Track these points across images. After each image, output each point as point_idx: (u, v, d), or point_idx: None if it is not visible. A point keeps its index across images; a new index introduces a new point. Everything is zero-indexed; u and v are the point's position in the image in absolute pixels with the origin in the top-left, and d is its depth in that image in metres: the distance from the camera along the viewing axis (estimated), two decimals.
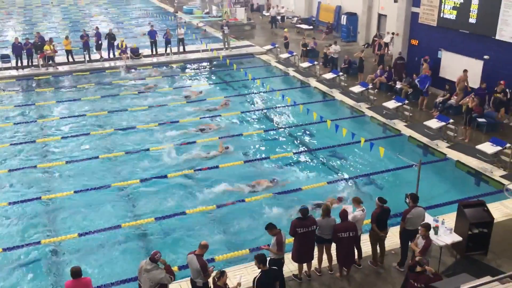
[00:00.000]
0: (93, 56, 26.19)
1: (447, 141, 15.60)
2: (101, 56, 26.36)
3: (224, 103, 20.09)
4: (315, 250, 9.49)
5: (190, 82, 23.90)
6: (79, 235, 11.32)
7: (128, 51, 26.21)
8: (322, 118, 16.04)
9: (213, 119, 18.44)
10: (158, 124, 17.95)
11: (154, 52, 27.05)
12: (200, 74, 25.47)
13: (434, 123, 16.10)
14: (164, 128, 17.58)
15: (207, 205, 12.49)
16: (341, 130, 14.57)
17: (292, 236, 9.18)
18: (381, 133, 17.16)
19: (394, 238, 10.20)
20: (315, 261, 9.63)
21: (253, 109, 19.92)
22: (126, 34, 32.59)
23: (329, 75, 22.16)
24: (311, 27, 32.84)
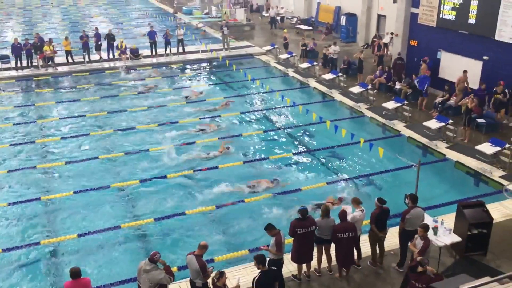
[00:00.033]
0: (93, 57, 26.19)
1: (447, 142, 15.61)
2: (101, 57, 26.37)
3: (225, 104, 20.10)
4: (315, 251, 9.50)
5: (190, 83, 23.90)
6: (79, 236, 11.33)
7: (128, 52, 26.23)
8: (322, 119, 16.04)
9: (213, 120, 18.45)
10: (158, 125, 17.96)
11: (154, 53, 27.08)
12: (200, 75, 25.47)
13: (434, 124, 16.11)
14: (164, 129, 17.58)
15: (207, 206, 12.48)
16: (341, 131, 14.60)
17: (292, 237, 9.18)
18: (381, 134, 17.16)
19: (394, 239, 10.23)
20: (315, 262, 9.63)
21: (253, 110, 19.92)
22: (126, 35, 32.60)
23: (329, 76, 22.17)
24: (311, 28, 32.85)
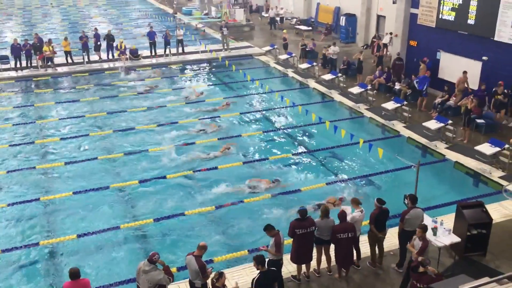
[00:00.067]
0: (92, 57, 26.19)
1: (446, 142, 15.61)
2: (100, 57, 26.36)
3: (226, 104, 20.11)
4: (314, 251, 9.51)
5: (190, 83, 23.89)
6: (78, 236, 11.32)
7: (127, 52, 26.22)
8: (321, 119, 16.04)
9: (213, 120, 18.45)
10: (158, 125, 17.96)
11: (153, 53, 27.08)
12: (199, 75, 25.46)
13: (433, 124, 16.10)
14: (164, 129, 17.58)
15: (206, 206, 12.48)
16: (340, 131, 14.60)
17: (291, 237, 9.18)
18: (380, 134, 17.16)
19: (393, 239, 10.23)
20: (314, 262, 9.63)
21: (252, 110, 19.92)
22: (126, 35, 32.59)
23: (328, 76, 22.17)
24: (310, 28, 32.85)
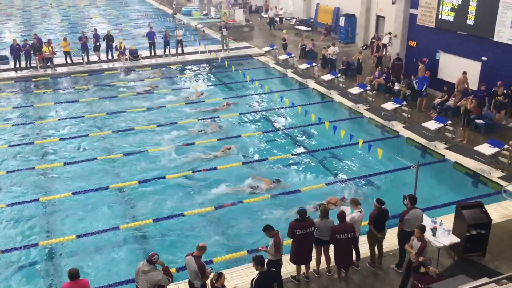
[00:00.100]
0: (92, 58, 26.18)
1: (445, 143, 15.61)
2: (99, 58, 26.36)
3: (226, 104, 20.10)
4: (313, 252, 9.50)
5: (189, 84, 23.90)
6: (77, 237, 11.31)
7: (127, 53, 26.22)
8: (320, 120, 16.04)
9: (213, 121, 18.43)
10: (157, 126, 17.96)
11: (153, 54, 27.07)
12: (199, 76, 25.46)
13: (432, 125, 16.10)
14: (163, 130, 17.57)
15: (206, 207, 12.47)
16: (339, 132, 14.60)
17: (290, 238, 9.17)
18: (379, 135, 17.17)
19: (392, 240, 10.23)
20: (313, 263, 9.63)
21: (252, 111, 19.92)
22: (125, 36, 32.59)
23: (328, 77, 22.17)
24: (310, 29, 32.86)
